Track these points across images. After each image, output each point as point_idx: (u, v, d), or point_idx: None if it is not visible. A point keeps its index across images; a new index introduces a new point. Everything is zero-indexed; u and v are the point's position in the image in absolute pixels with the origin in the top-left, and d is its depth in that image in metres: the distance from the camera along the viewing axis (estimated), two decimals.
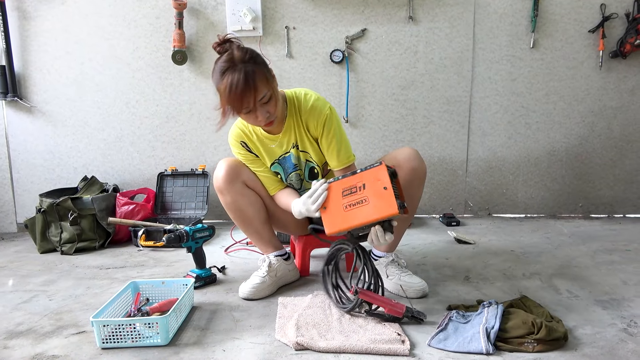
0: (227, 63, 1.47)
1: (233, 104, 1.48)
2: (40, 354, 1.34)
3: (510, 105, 2.84)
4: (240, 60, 1.47)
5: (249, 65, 1.47)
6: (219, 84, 1.49)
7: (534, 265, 2.03)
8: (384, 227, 1.43)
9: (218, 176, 1.71)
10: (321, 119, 1.63)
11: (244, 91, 1.45)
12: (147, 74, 2.83)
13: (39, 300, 1.75)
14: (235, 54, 1.48)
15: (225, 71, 1.47)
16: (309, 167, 1.76)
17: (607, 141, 2.86)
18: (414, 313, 1.44)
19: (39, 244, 2.41)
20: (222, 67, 1.47)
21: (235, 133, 1.74)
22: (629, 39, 2.65)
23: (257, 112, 1.51)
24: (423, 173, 1.68)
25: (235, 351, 1.33)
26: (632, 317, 1.50)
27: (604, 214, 2.94)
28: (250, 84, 1.45)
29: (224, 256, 2.26)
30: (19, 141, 2.90)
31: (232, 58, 1.47)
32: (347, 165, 1.68)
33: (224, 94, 1.47)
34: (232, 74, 1.45)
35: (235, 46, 1.51)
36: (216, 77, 1.50)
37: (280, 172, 1.77)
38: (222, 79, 1.47)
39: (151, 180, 2.90)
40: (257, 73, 1.47)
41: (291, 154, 1.72)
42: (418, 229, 2.68)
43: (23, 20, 2.78)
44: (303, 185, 1.80)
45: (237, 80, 1.44)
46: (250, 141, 1.73)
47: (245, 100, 1.46)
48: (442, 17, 2.75)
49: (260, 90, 1.48)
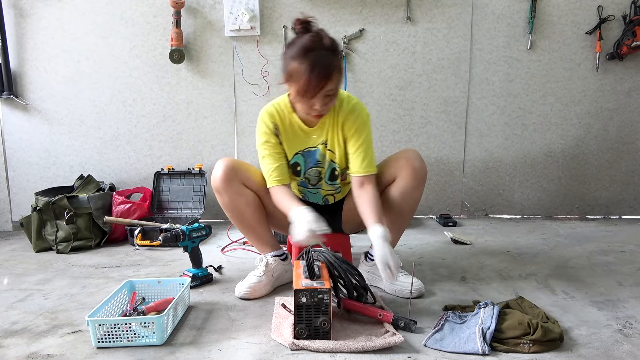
0: (314, 44, 1.47)
1: (305, 85, 1.47)
2: (35, 353, 1.33)
3: (507, 106, 2.85)
4: (327, 47, 1.48)
5: (333, 55, 1.49)
6: (297, 60, 1.47)
7: (530, 266, 2.03)
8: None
9: (216, 176, 1.70)
10: (358, 120, 1.65)
11: (320, 77, 1.45)
12: (144, 72, 2.83)
13: (34, 299, 1.75)
14: (324, 38, 1.49)
15: (309, 51, 1.46)
16: (331, 168, 1.75)
17: (603, 143, 2.87)
18: (405, 322, 1.42)
19: (35, 243, 2.40)
20: (307, 46, 1.46)
21: (270, 111, 1.69)
22: (626, 41, 2.66)
23: (319, 101, 1.52)
24: (424, 174, 1.69)
25: (231, 351, 1.33)
26: (628, 318, 1.51)
27: (599, 215, 2.95)
28: (329, 73, 1.46)
29: (220, 256, 2.26)
30: (15, 139, 2.89)
31: (321, 41, 1.48)
32: (366, 175, 1.64)
33: (299, 72, 1.46)
34: (316, 57, 1.45)
35: (323, 31, 1.51)
36: (296, 52, 1.48)
37: (300, 163, 1.74)
38: (303, 56, 1.46)
39: (148, 179, 2.89)
40: (336, 66, 1.49)
41: (318, 149, 1.72)
42: (415, 229, 2.68)
43: (19, 18, 2.77)
44: (319, 184, 1.79)
45: (320, 65, 1.44)
46: (282, 124, 1.69)
47: (318, 86, 1.47)
48: (440, 17, 2.75)
49: (333, 83, 1.49)
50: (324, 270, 1.45)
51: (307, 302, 1.32)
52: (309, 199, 1.86)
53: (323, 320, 1.33)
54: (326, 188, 1.80)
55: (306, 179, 1.78)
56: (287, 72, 1.52)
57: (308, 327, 1.34)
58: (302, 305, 1.33)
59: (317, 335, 1.34)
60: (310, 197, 1.85)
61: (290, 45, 1.52)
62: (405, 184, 1.67)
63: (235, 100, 2.85)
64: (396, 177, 1.69)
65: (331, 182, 1.79)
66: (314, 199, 1.85)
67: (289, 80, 1.53)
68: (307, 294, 1.32)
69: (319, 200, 1.85)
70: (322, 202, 1.85)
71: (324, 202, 1.85)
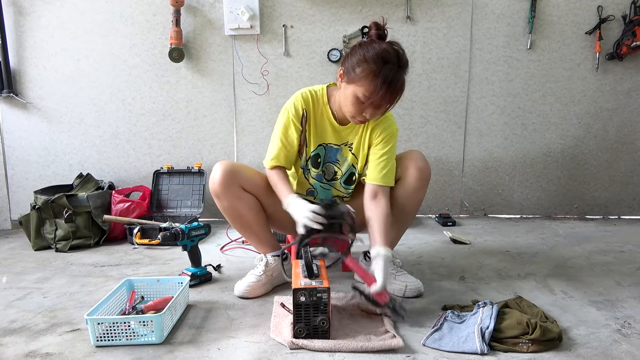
0: (394, 58, 1.44)
1: (371, 94, 1.44)
2: (34, 352, 1.33)
3: (507, 106, 2.85)
4: (403, 65, 1.46)
5: (404, 74, 1.47)
6: (373, 66, 1.43)
7: (529, 265, 2.03)
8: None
9: (214, 180, 1.67)
10: (387, 130, 1.65)
11: (387, 95, 1.44)
12: (144, 71, 2.82)
13: (33, 297, 1.74)
14: (403, 54, 1.46)
15: (388, 62, 1.43)
16: (350, 172, 1.75)
17: (602, 143, 2.87)
18: (395, 305, 1.41)
19: (34, 241, 2.40)
20: (387, 57, 1.43)
21: (306, 98, 1.65)
22: (626, 41, 2.66)
23: (371, 111, 1.50)
24: (428, 175, 1.69)
25: (230, 350, 1.33)
26: (626, 318, 1.51)
27: (598, 215, 2.96)
28: (396, 93, 1.46)
29: (219, 254, 2.26)
30: (14, 137, 2.88)
31: (399, 57, 1.45)
32: (382, 185, 1.62)
33: (370, 80, 1.43)
34: (394, 72, 1.43)
35: (399, 45, 1.48)
36: (374, 56, 1.43)
37: (320, 155, 1.72)
38: (381, 66, 1.42)
39: (147, 178, 2.89)
40: (404, 86, 1.48)
41: (340, 149, 1.71)
42: (414, 229, 2.68)
43: (19, 16, 2.77)
44: (333, 183, 1.77)
45: (395, 84, 1.43)
46: (314, 113, 1.67)
47: (384, 101, 1.46)
48: (440, 17, 2.75)
49: (396, 101, 1.50)
50: (323, 270, 1.45)
51: (306, 301, 1.32)
52: (318, 194, 1.82)
53: (322, 319, 1.33)
54: (339, 189, 1.79)
55: (322, 172, 1.76)
56: (357, 72, 1.46)
57: (307, 326, 1.34)
58: (301, 304, 1.33)
59: (316, 334, 1.34)
60: (321, 192, 1.81)
61: (367, 46, 1.46)
62: (409, 184, 1.67)
63: (234, 99, 2.85)
64: (400, 177, 1.69)
65: (346, 185, 1.78)
66: (323, 194, 1.81)
67: (353, 79, 1.47)
68: (305, 293, 1.32)
69: (327, 197, 1.82)
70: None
71: None
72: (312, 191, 1.82)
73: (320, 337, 1.34)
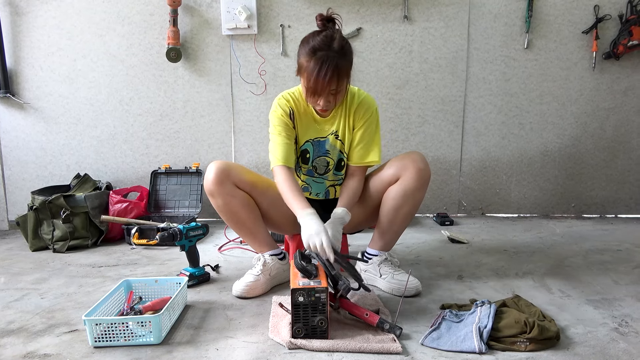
0: (324, 45, 1.52)
1: (310, 84, 1.54)
2: (31, 353, 1.33)
3: (504, 105, 2.85)
4: (336, 50, 1.52)
5: (341, 59, 1.53)
6: (306, 58, 1.54)
7: (526, 264, 2.04)
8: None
9: (208, 179, 1.69)
10: (367, 113, 1.73)
11: (324, 80, 1.51)
12: (141, 71, 2.82)
13: (30, 298, 1.74)
14: (334, 39, 1.54)
15: (317, 51, 1.52)
16: (339, 158, 1.79)
17: (599, 142, 2.88)
18: (390, 326, 1.38)
19: (31, 242, 2.39)
20: (317, 46, 1.53)
21: (287, 98, 1.74)
22: (622, 41, 2.67)
23: (322, 99, 1.58)
24: (428, 176, 1.71)
25: (229, 350, 1.33)
26: (623, 316, 1.51)
27: (596, 214, 2.97)
28: (333, 77, 1.52)
29: (217, 255, 2.26)
30: (11, 138, 2.87)
31: (331, 43, 1.53)
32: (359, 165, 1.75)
33: (307, 70, 1.54)
34: (322, 58, 1.51)
35: (338, 32, 1.57)
36: (307, 50, 1.55)
37: (310, 151, 1.78)
38: (312, 56, 1.52)
39: (144, 178, 2.89)
40: (343, 69, 1.54)
41: (327, 140, 1.76)
42: (412, 228, 2.68)
43: (15, 16, 2.76)
44: (326, 175, 1.82)
45: (325, 69, 1.50)
46: (297, 111, 1.74)
47: (322, 86, 1.53)
48: (437, 16, 2.76)
49: (338, 84, 1.55)
50: (321, 270, 1.45)
51: (305, 301, 1.32)
52: (312, 189, 1.85)
53: (320, 319, 1.33)
54: (332, 178, 1.84)
55: (313, 168, 1.80)
56: (298, 67, 1.60)
57: (305, 326, 1.34)
58: (300, 304, 1.33)
59: (315, 334, 1.34)
60: (315, 187, 1.85)
61: (305, 41, 1.58)
62: (409, 184, 1.67)
63: (232, 99, 2.85)
64: (400, 176, 1.69)
65: (337, 172, 1.82)
66: (318, 189, 1.85)
67: (299, 74, 1.60)
68: (304, 293, 1.32)
69: (322, 190, 1.85)
70: (324, 194, 1.86)
71: (326, 194, 1.86)
72: (306, 187, 1.85)
73: (319, 337, 1.34)
